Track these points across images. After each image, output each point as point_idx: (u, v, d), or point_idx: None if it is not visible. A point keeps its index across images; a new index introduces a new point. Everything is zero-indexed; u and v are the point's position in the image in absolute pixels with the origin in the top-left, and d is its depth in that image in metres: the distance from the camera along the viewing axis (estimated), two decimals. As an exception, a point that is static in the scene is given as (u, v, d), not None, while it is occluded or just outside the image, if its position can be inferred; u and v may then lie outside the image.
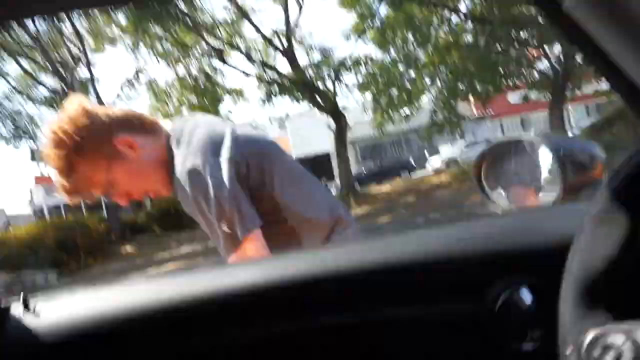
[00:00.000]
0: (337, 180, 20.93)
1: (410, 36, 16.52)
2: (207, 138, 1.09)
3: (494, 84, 16.86)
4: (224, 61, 14.64)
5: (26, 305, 0.72)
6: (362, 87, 16.39)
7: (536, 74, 17.52)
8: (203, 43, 14.38)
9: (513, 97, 26.09)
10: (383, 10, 15.95)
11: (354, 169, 19.66)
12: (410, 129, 22.31)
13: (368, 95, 16.97)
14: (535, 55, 17.18)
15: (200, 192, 1.03)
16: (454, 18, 16.68)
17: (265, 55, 15.23)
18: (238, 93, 15.68)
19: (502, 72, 16.86)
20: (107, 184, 1.13)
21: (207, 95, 15.23)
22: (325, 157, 30.77)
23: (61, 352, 0.70)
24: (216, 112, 17.94)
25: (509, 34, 15.15)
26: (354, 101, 20.45)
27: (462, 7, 15.99)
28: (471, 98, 20.00)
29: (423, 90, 19.41)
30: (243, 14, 14.05)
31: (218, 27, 14.30)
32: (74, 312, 0.73)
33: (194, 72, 15.39)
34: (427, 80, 19.31)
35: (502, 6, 14.30)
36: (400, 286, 0.68)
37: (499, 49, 16.10)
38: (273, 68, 14.77)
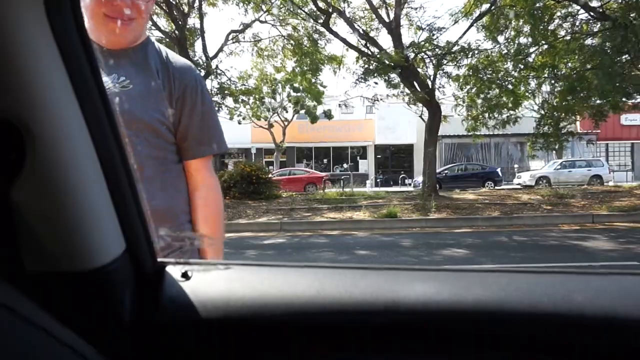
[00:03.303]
0: (418, 178, 19.38)
1: (525, 28, 14.51)
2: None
3: (614, 101, 14.57)
4: (328, 26, 13.50)
5: (185, 273, 0.68)
6: (461, 80, 14.66)
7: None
8: (311, 4, 13.38)
9: (629, 119, 23.00)
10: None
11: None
12: (503, 134, 20.34)
13: (464, 91, 15.30)
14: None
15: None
16: (582, 15, 14.47)
17: (368, 26, 13.95)
18: (338, 61, 14.89)
19: (627, 88, 14.48)
20: None
21: (308, 58, 14.92)
22: (407, 150, 29.17)
23: (216, 330, 0.64)
24: (311, 82, 17.43)
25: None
26: (447, 94, 18.75)
27: (594, 2, 13.67)
28: (579, 112, 17.75)
29: (527, 95, 17.53)
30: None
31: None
32: (232, 288, 0.67)
33: (299, 34, 15.10)
34: (534, 84, 17.39)
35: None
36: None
37: (630, 58, 13.58)
38: (374, 42, 13.37)
